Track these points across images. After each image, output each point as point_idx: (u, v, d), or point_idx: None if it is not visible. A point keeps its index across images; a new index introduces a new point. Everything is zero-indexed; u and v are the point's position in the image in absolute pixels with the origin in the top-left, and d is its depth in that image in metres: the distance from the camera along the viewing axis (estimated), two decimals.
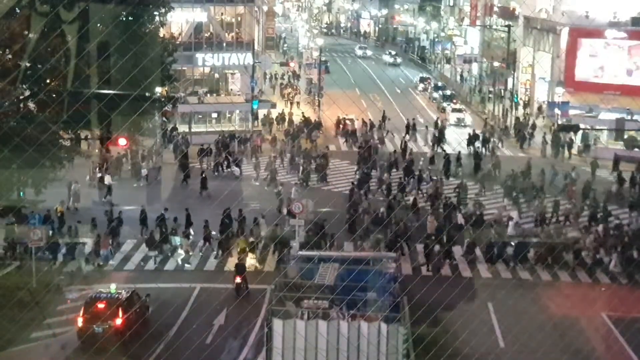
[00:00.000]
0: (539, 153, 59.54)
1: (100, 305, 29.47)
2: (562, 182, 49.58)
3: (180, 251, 38.52)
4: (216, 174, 52.72)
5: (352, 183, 47.88)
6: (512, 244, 38.80)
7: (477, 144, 59.19)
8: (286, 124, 66.13)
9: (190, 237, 39.38)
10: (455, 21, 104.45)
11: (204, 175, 48.63)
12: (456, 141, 59.07)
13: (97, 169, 49.56)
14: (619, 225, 41.82)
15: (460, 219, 42.47)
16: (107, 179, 48.09)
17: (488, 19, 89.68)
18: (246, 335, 30.18)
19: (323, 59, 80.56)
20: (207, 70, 72.39)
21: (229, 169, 53.02)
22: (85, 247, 37.96)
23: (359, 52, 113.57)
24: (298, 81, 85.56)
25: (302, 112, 69.26)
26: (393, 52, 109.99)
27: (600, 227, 40.99)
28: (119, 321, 29.20)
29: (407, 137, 61.81)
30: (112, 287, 31.37)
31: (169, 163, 54.60)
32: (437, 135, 61.29)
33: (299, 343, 22.48)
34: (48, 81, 33.64)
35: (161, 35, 49.12)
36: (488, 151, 58.52)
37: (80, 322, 29.43)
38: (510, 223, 40.79)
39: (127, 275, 36.48)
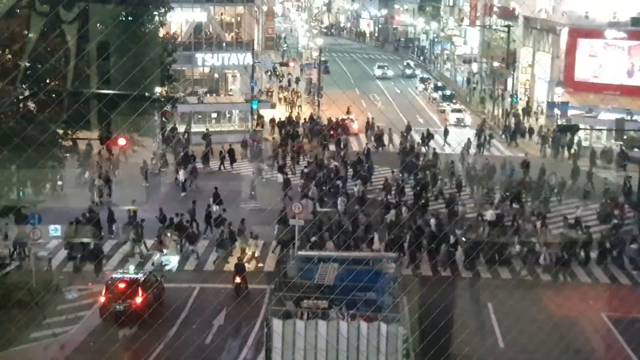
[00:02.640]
0: (538, 153, 59.70)
1: (121, 285, 31.31)
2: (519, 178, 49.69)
3: (248, 251, 38.58)
4: (264, 180, 51.23)
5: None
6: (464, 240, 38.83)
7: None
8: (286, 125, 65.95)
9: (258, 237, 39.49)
10: (455, 21, 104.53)
11: (254, 185, 47.45)
12: (455, 141, 59.42)
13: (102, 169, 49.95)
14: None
15: (392, 216, 41.94)
16: (182, 175, 48.58)
17: (488, 19, 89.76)
18: (246, 336, 30.20)
19: (323, 59, 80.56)
20: (206, 70, 72.38)
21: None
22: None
23: (378, 72, 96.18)
24: (298, 84, 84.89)
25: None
26: (412, 63, 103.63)
27: (538, 223, 41.03)
28: (139, 300, 30.99)
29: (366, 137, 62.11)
30: (131, 268, 33.91)
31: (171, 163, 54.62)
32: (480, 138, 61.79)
33: (298, 343, 22.48)
34: (48, 81, 33.62)
35: (161, 35, 49.09)
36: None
37: (102, 301, 31.29)
38: (432, 221, 40.44)
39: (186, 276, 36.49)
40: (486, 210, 43.19)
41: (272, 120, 65.68)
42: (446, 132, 63.35)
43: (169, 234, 38.85)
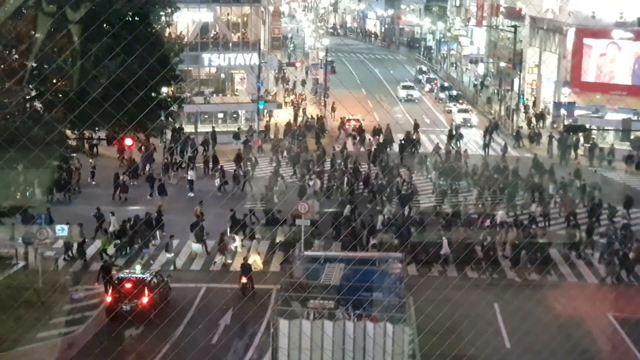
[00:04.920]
0: (545, 153, 59.70)
1: (128, 285, 31.27)
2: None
3: None
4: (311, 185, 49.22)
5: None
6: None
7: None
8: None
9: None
10: (462, 21, 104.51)
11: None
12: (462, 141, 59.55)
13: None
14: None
15: (346, 210, 42.13)
16: (191, 174, 48.66)
17: (494, 19, 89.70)
18: (252, 336, 30.21)
19: (329, 59, 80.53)
20: (213, 70, 72.46)
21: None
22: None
23: (402, 94, 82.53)
24: (304, 87, 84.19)
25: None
26: (424, 68, 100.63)
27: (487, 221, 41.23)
28: (145, 300, 30.93)
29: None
30: (137, 268, 33.71)
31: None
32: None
33: (304, 343, 22.49)
34: (54, 81, 33.66)
35: (167, 35, 49.15)
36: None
37: (108, 301, 31.28)
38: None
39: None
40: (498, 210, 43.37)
41: (289, 124, 65.39)
42: (416, 126, 63.98)
43: (236, 237, 38.72)
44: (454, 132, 62.68)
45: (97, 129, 37.04)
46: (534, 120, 69.15)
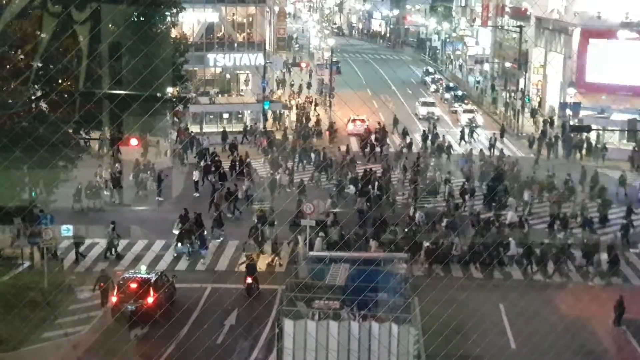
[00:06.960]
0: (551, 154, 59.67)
1: (133, 285, 31.29)
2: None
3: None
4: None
5: None
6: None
7: None
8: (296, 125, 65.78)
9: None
10: (467, 22, 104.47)
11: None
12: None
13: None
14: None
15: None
16: (196, 175, 48.87)
17: (500, 20, 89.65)
18: (257, 336, 30.21)
19: (334, 59, 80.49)
20: (218, 70, 72.53)
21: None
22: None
23: (422, 111, 73.03)
24: (309, 89, 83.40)
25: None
26: (431, 70, 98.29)
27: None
28: (150, 300, 30.97)
29: None
30: (143, 268, 33.77)
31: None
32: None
33: (309, 343, 22.49)
34: (60, 81, 33.71)
35: (173, 35, 49.19)
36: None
37: (114, 301, 31.36)
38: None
39: None
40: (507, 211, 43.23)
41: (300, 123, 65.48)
42: (396, 121, 65.15)
43: (299, 237, 38.24)
44: (428, 134, 62.62)
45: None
46: (541, 124, 69.08)
